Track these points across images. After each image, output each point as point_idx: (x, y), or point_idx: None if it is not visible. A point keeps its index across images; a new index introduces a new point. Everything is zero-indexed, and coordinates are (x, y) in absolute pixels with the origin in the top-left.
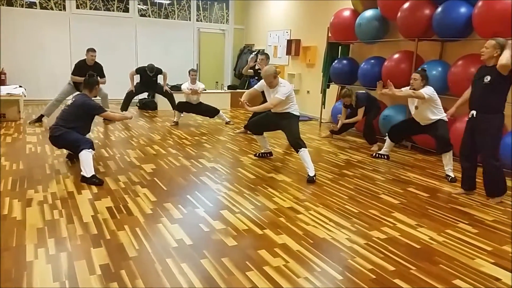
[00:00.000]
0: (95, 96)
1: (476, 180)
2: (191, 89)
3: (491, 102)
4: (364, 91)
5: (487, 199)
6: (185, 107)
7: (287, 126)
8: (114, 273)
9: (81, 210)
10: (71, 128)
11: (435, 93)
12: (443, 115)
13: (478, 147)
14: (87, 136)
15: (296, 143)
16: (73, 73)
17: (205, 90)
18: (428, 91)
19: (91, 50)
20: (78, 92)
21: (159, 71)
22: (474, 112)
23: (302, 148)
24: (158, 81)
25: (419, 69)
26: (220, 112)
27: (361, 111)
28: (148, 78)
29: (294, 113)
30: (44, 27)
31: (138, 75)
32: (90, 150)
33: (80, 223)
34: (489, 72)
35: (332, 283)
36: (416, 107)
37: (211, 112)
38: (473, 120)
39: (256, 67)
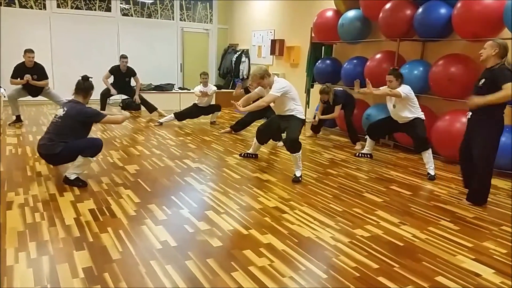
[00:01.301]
0: (87, 103)
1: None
2: (201, 91)
3: (484, 107)
4: (341, 89)
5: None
6: (186, 115)
7: (288, 127)
8: (97, 276)
9: (63, 212)
10: (69, 140)
11: (412, 92)
12: (420, 114)
13: (472, 148)
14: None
15: (293, 147)
16: (12, 77)
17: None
18: (404, 89)
19: (28, 51)
20: (66, 100)
21: (132, 72)
22: (470, 113)
23: (297, 153)
24: (131, 84)
25: (391, 69)
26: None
27: (337, 108)
28: (120, 78)
29: (299, 116)
30: (24, 26)
31: (112, 76)
32: (93, 158)
33: (62, 225)
34: (485, 75)
35: (317, 281)
36: (394, 106)
37: (214, 109)
38: (469, 121)
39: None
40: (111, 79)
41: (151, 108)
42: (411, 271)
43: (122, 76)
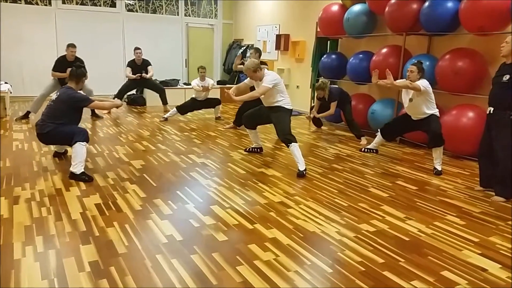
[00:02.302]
0: (81, 89)
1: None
2: (202, 86)
3: (509, 101)
4: (337, 86)
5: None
6: (187, 107)
7: (278, 121)
8: (103, 270)
9: (69, 207)
10: (59, 123)
11: (430, 87)
12: (436, 111)
13: (494, 144)
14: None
15: (286, 139)
16: (54, 69)
17: (214, 85)
18: (424, 83)
19: (71, 46)
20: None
21: (147, 63)
22: (491, 108)
23: (293, 143)
24: (147, 76)
25: (416, 61)
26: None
27: (333, 105)
28: (137, 71)
29: (286, 106)
30: (30, 22)
31: (130, 68)
32: (84, 143)
33: (69, 220)
34: (508, 70)
35: (322, 276)
36: (411, 100)
37: (214, 103)
38: (490, 117)
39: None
40: (129, 71)
41: (165, 101)
42: (417, 265)
43: (138, 69)
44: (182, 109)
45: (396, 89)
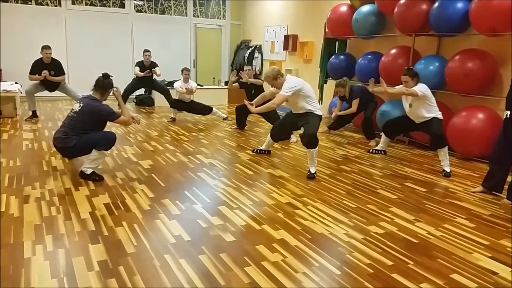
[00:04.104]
0: (105, 100)
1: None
2: (186, 88)
3: None
4: (360, 85)
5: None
6: (179, 104)
7: (306, 122)
8: (112, 269)
9: (78, 206)
10: (84, 134)
11: (429, 90)
12: (437, 113)
13: None
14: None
15: (311, 142)
16: (30, 73)
17: (197, 87)
18: (421, 88)
19: (45, 48)
20: (83, 95)
21: (154, 65)
22: (508, 112)
23: (314, 149)
24: (154, 77)
25: (406, 69)
26: (214, 109)
27: (355, 103)
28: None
29: (316, 112)
30: (40, 23)
31: (138, 67)
32: (107, 152)
33: (78, 219)
34: None
35: (330, 278)
36: (410, 105)
37: (204, 110)
38: (508, 121)
39: (244, 80)
40: (137, 69)
41: (171, 101)
42: (426, 268)
43: (146, 70)
44: (175, 104)
45: (396, 96)
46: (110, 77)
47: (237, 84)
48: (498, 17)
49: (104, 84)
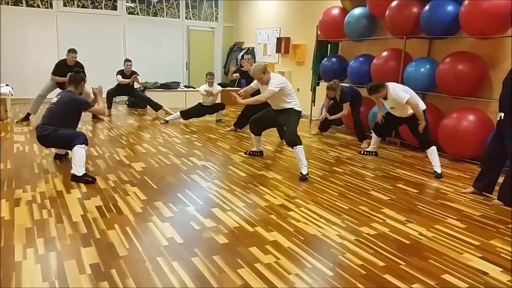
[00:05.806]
0: (81, 93)
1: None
2: (206, 90)
3: None
4: (348, 85)
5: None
6: (192, 113)
7: (286, 122)
8: (104, 273)
9: (70, 209)
10: (59, 126)
11: (409, 89)
12: (422, 107)
13: (505, 150)
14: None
15: (292, 140)
16: (53, 73)
17: (193, 90)
18: (404, 95)
19: (72, 51)
20: (62, 90)
21: (135, 73)
22: (502, 114)
23: (298, 146)
24: (135, 86)
25: (368, 90)
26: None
27: (346, 106)
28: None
29: (296, 108)
30: (31, 25)
31: (120, 75)
32: (83, 145)
33: (70, 222)
34: None
35: (323, 279)
36: (392, 108)
37: (218, 108)
38: (501, 123)
39: (245, 69)
40: (120, 78)
41: (156, 107)
42: (418, 269)
43: (126, 79)
44: (186, 114)
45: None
46: (81, 72)
47: (237, 74)
48: (488, 20)
49: (76, 78)
